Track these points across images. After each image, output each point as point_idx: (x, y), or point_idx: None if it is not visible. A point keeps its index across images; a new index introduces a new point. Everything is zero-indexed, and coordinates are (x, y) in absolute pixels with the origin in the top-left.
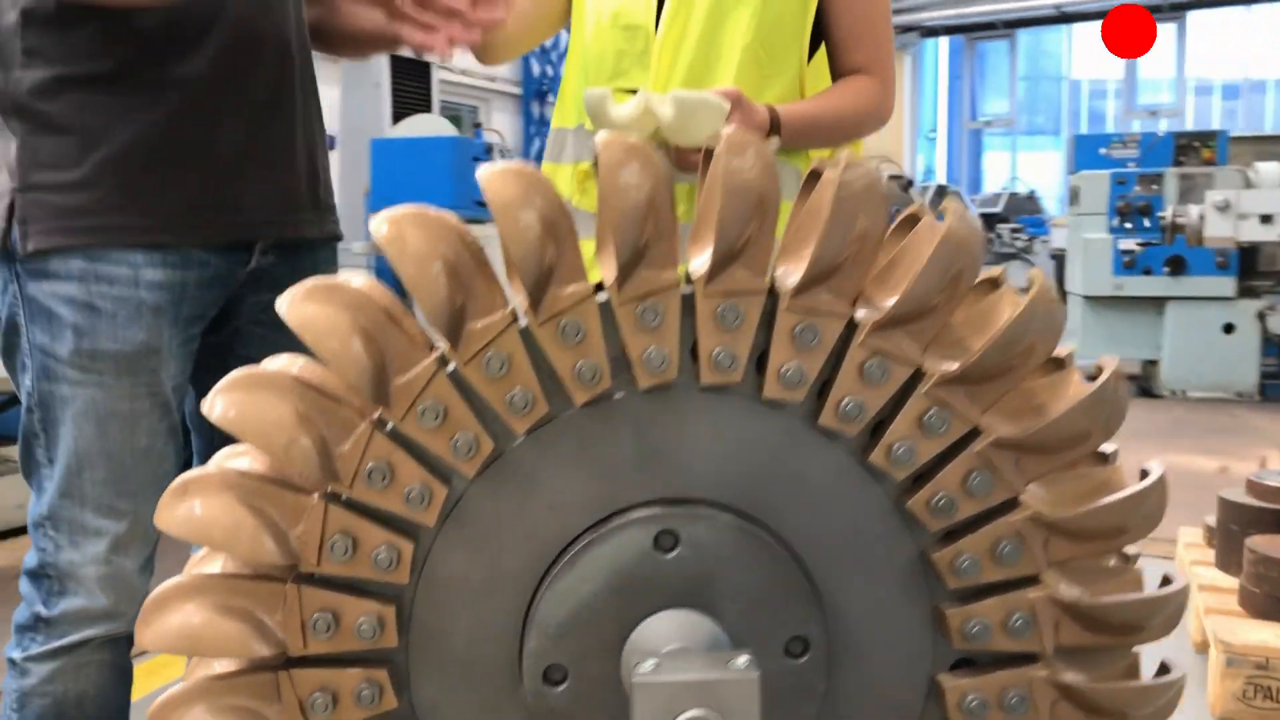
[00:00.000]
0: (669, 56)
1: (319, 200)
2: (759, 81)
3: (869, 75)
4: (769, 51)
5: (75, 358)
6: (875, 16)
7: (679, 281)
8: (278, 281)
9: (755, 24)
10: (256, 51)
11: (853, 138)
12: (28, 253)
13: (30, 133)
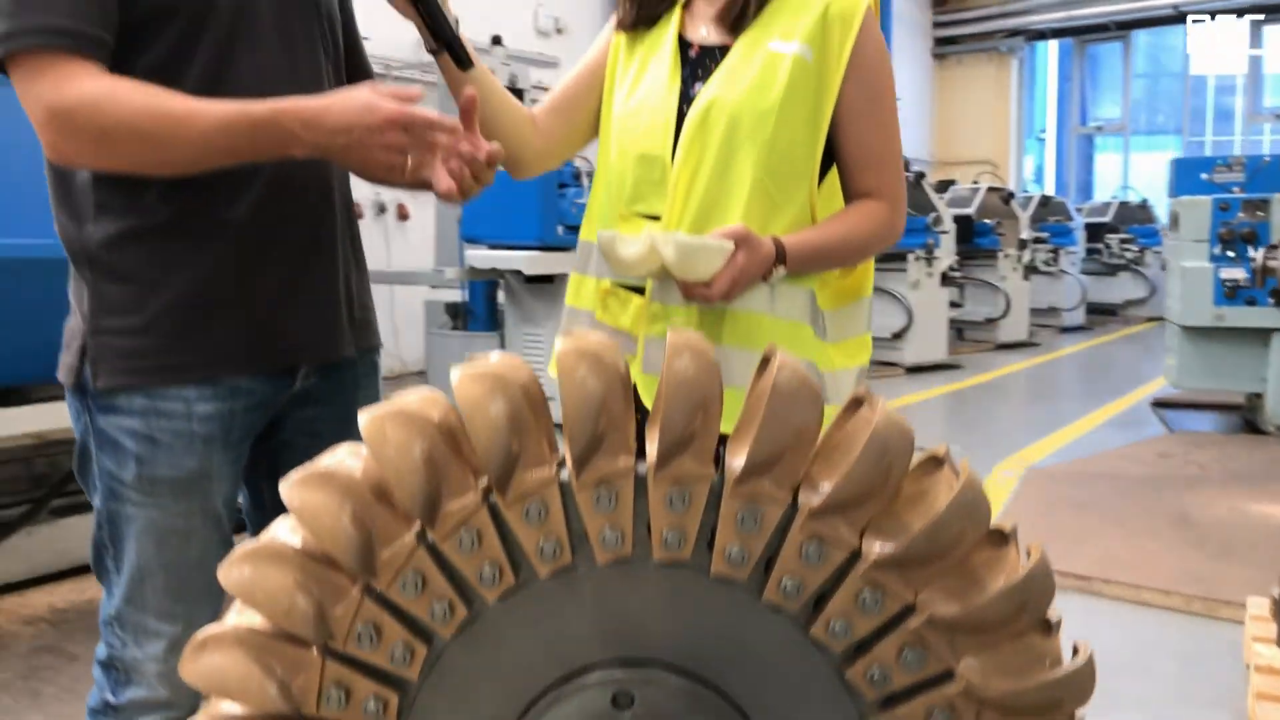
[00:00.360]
0: (684, 188)
1: (355, 320)
2: (768, 211)
3: (878, 199)
4: (778, 183)
5: (137, 483)
6: (883, 142)
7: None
8: (320, 398)
9: (764, 159)
10: (299, 195)
11: (861, 260)
12: (97, 389)
13: (99, 281)
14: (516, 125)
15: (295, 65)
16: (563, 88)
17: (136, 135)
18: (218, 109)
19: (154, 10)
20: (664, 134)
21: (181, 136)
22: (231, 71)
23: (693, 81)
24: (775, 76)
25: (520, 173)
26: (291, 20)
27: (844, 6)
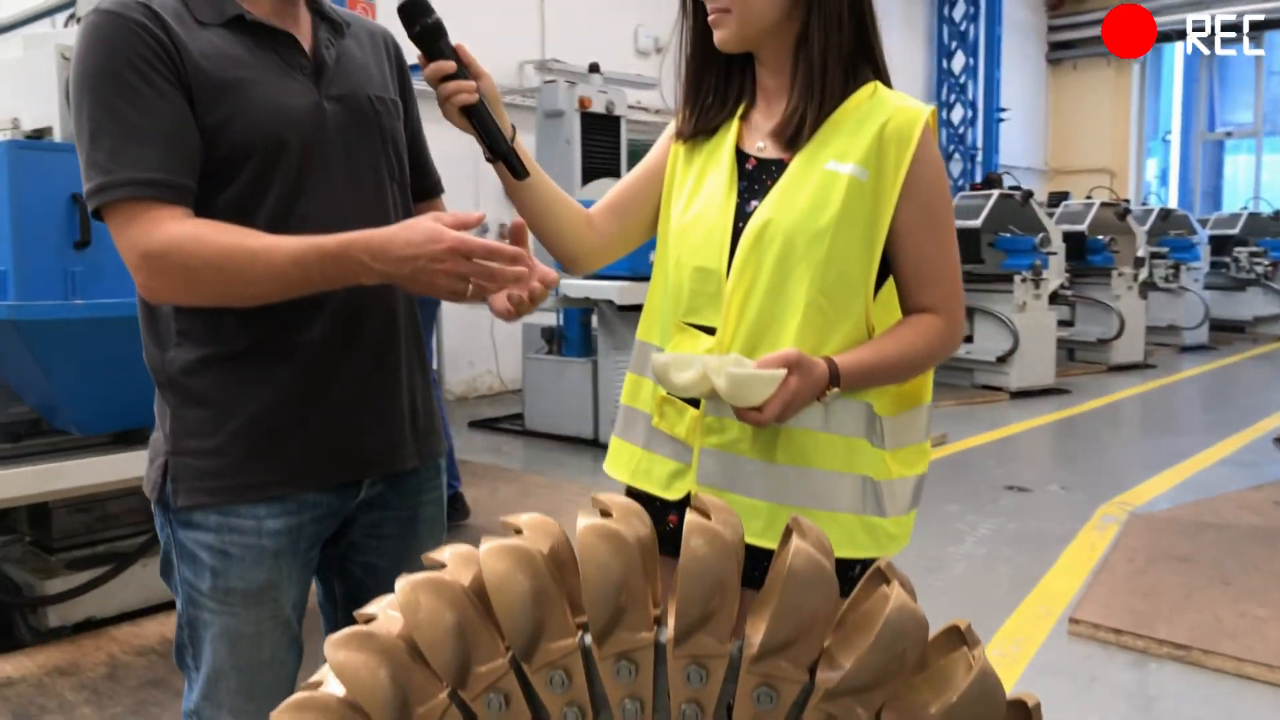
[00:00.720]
0: (738, 305)
1: (419, 431)
2: (823, 328)
3: (935, 313)
4: (832, 301)
5: (212, 593)
6: (939, 258)
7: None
8: (386, 503)
9: (818, 279)
10: (366, 316)
11: (917, 374)
12: (177, 506)
13: (179, 405)
14: (573, 225)
15: (362, 193)
16: (621, 188)
17: (219, 273)
18: (291, 244)
19: (232, 152)
20: (719, 249)
21: (259, 272)
22: (302, 203)
23: (749, 197)
24: (830, 198)
25: (576, 269)
26: (358, 151)
27: (900, 125)
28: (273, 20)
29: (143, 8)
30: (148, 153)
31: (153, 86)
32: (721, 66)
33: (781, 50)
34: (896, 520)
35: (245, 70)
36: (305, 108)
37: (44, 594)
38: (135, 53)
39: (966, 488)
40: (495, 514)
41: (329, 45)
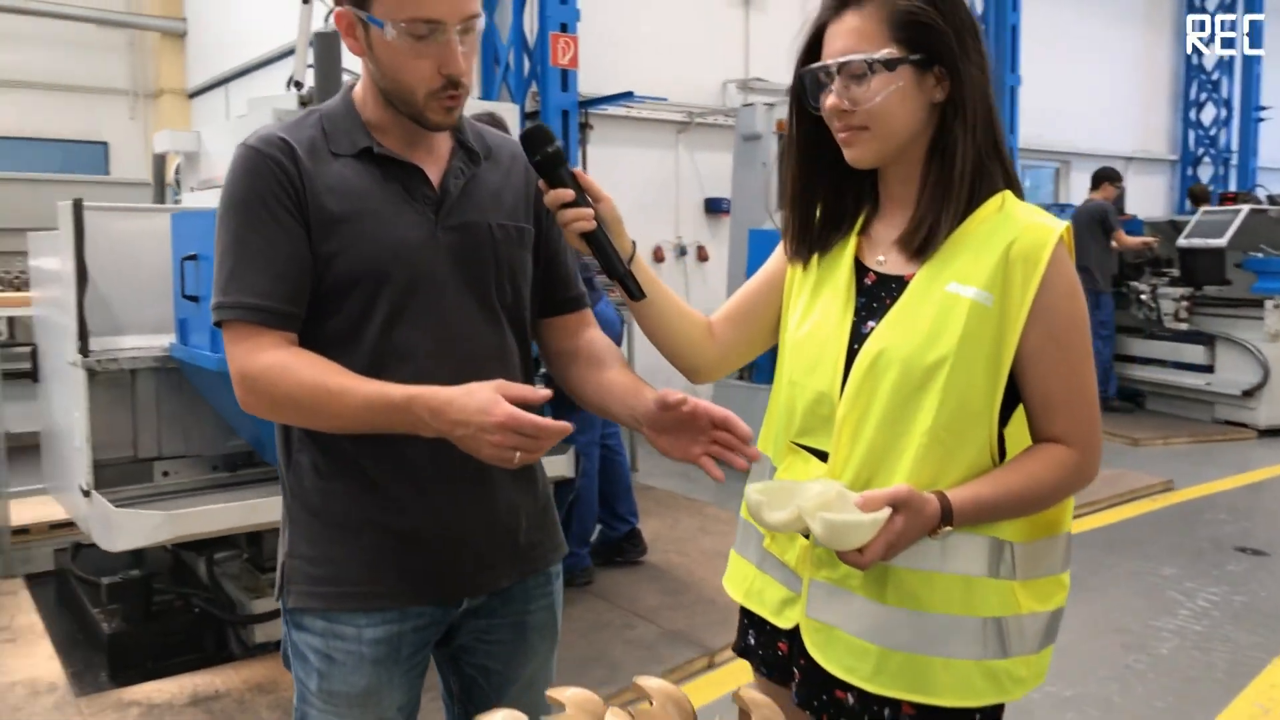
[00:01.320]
0: (850, 433)
1: (520, 548)
2: (942, 459)
3: (1066, 444)
4: (953, 432)
5: (319, 693)
6: (1072, 386)
7: None
8: (493, 611)
9: (937, 409)
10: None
11: (1042, 509)
12: (289, 607)
13: (296, 509)
14: (692, 338)
15: (470, 321)
16: (740, 296)
17: (299, 406)
18: (365, 389)
19: (338, 282)
20: (833, 372)
21: (335, 410)
22: (405, 331)
23: (866, 316)
24: (950, 324)
25: (697, 380)
26: (469, 280)
27: (1028, 245)
28: (402, 152)
29: (282, 144)
30: (259, 280)
31: (275, 220)
32: (834, 182)
33: (914, 157)
34: (1025, 660)
35: (365, 202)
36: (416, 239)
37: (252, 612)
38: (266, 188)
39: (1188, 547)
40: (673, 549)
41: (459, 174)
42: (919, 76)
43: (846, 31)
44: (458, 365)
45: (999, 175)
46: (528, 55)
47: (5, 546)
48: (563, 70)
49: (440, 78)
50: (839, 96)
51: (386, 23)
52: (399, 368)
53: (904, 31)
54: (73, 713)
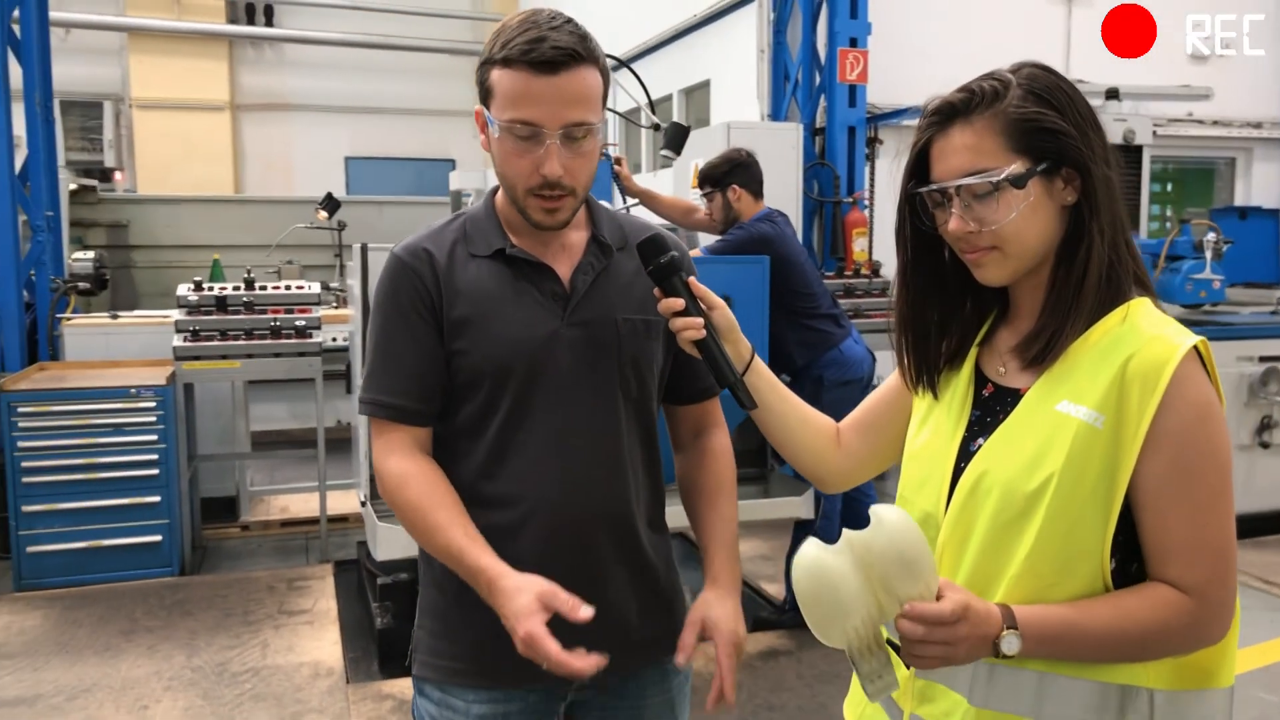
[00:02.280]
0: (951, 559)
1: (633, 644)
2: (1038, 593)
3: (1181, 590)
4: (1052, 565)
5: None
6: (1194, 528)
7: None
8: (605, 703)
9: (1036, 539)
10: (574, 538)
11: (1145, 658)
12: (414, 674)
13: (427, 585)
14: (816, 447)
15: (592, 414)
16: (868, 404)
17: (405, 521)
18: (453, 538)
19: (468, 377)
20: (938, 492)
21: (428, 540)
22: (527, 423)
23: (978, 431)
24: (1056, 446)
25: (825, 489)
26: (592, 373)
27: (1146, 362)
28: (533, 250)
29: (424, 254)
30: (394, 381)
31: (411, 326)
32: (952, 297)
33: (1044, 263)
34: None
35: (494, 302)
36: (540, 336)
37: None
38: (406, 297)
39: None
40: None
41: (589, 270)
42: (1047, 184)
43: (960, 148)
44: (572, 459)
45: (1129, 280)
46: (818, 70)
47: (322, 534)
48: (850, 85)
49: (538, 177)
50: (963, 219)
51: (496, 121)
52: (516, 460)
53: (1024, 140)
54: (340, 698)
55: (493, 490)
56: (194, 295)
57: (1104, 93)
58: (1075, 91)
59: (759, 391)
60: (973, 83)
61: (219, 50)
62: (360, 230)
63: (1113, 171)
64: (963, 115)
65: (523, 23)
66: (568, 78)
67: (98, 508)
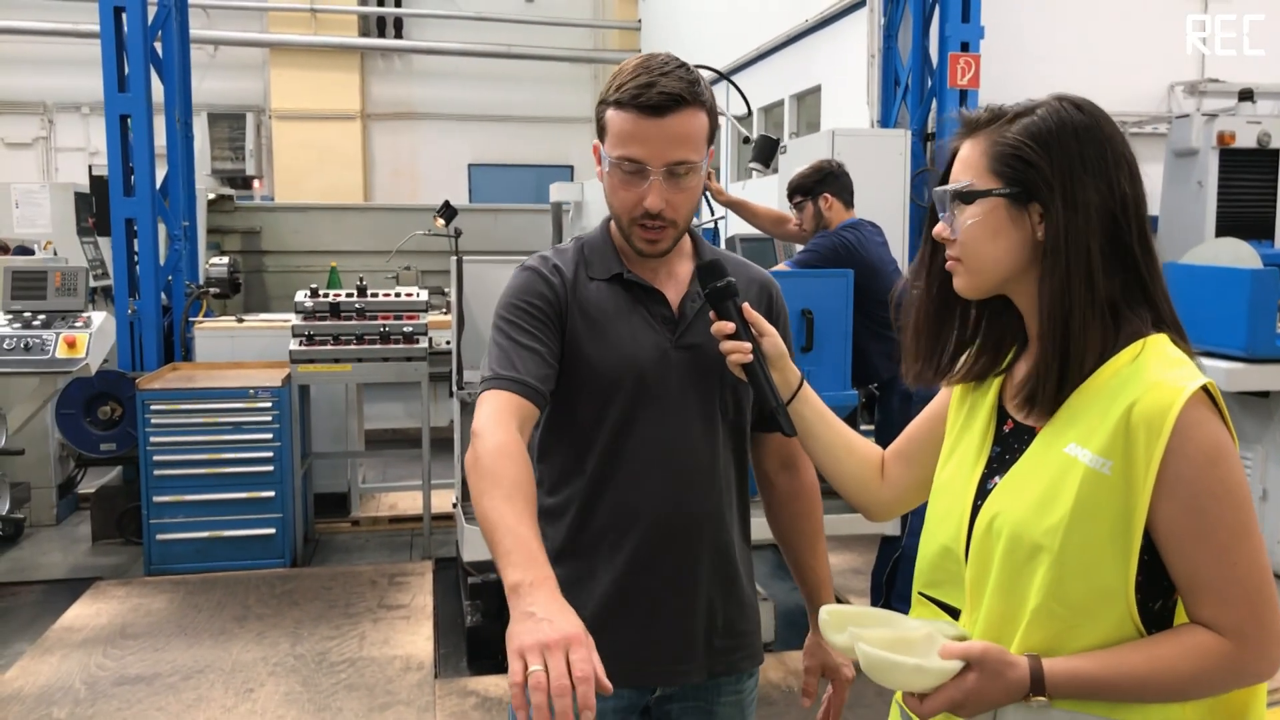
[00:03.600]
0: (972, 596)
1: (715, 648)
2: (1059, 635)
3: (1219, 632)
4: (1071, 608)
5: None
6: (1221, 568)
7: None
8: (685, 697)
9: (1049, 583)
10: (670, 545)
11: (1180, 699)
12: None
13: None
14: (859, 476)
15: (689, 432)
16: (910, 433)
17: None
18: (505, 541)
19: (582, 387)
20: (958, 528)
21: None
22: (635, 432)
23: (996, 469)
24: (1063, 490)
25: (871, 518)
26: (694, 395)
27: (1149, 408)
28: (646, 276)
29: (555, 268)
30: (514, 362)
31: (535, 325)
32: (976, 312)
33: (1031, 296)
34: None
35: (612, 320)
36: (650, 356)
37: None
38: (535, 299)
39: None
40: None
41: (696, 298)
42: (1014, 212)
43: (960, 159)
44: (675, 470)
45: (1140, 320)
46: (929, 75)
47: (425, 531)
48: (961, 91)
49: (641, 208)
50: (944, 224)
51: (608, 157)
52: (621, 471)
53: (1000, 164)
54: (427, 691)
55: (599, 497)
56: (309, 301)
57: (1237, 94)
58: (1093, 137)
59: (806, 420)
60: (1008, 104)
61: (351, 62)
62: (475, 237)
63: (1105, 218)
64: (974, 130)
65: (637, 67)
66: (673, 120)
67: (219, 500)
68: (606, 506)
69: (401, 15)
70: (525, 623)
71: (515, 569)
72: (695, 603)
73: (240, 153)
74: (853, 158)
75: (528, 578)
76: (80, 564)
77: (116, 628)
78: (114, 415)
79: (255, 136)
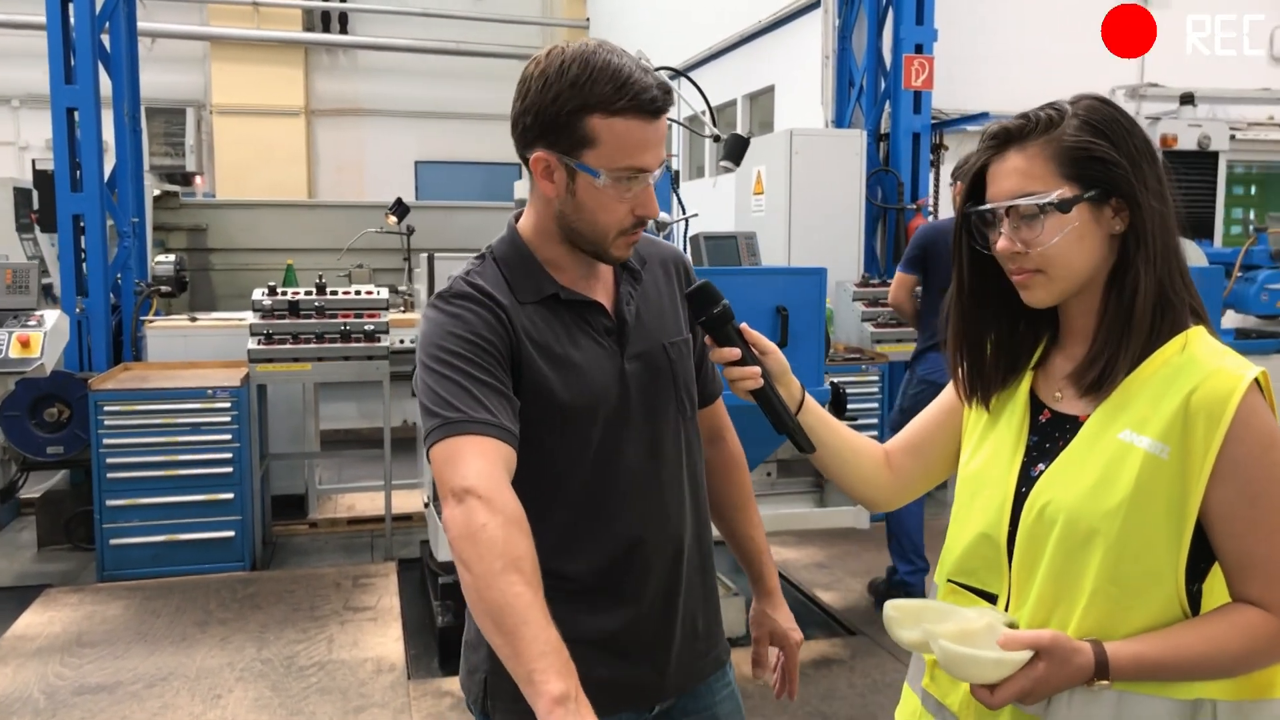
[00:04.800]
0: (1019, 582)
1: (698, 654)
2: (1112, 616)
3: (1265, 609)
4: (1125, 589)
5: None
6: (1269, 549)
7: None
8: (685, 709)
9: (1107, 565)
10: (662, 563)
11: (1231, 675)
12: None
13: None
14: (866, 473)
15: (663, 439)
16: (918, 425)
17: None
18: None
19: (548, 417)
20: (999, 516)
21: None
22: (614, 457)
23: (1037, 457)
24: (1121, 475)
25: (876, 510)
26: (654, 403)
27: (1210, 394)
28: (577, 285)
29: (490, 298)
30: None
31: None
32: (1006, 318)
33: (1094, 288)
34: None
35: (565, 347)
36: (611, 375)
37: None
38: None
39: None
40: None
41: (629, 300)
42: (1095, 212)
43: (1012, 171)
44: (660, 487)
45: (1185, 310)
46: (883, 76)
47: (386, 532)
48: (915, 92)
49: (633, 218)
50: (1010, 239)
51: (601, 171)
52: (604, 506)
53: (1074, 168)
54: (401, 693)
55: (582, 536)
56: (268, 300)
57: (1178, 98)
58: (1133, 125)
59: (813, 430)
60: (1032, 110)
61: (295, 57)
62: (428, 235)
63: (1166, 205)
64: (1018, 140)
65: (606, 64)
66: (662, 120)
67: (176, 503)
68: (590, 544)
69: (347, 10)
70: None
71: (557, 678)
72: (682, 617)
73: (179, 148)
74: (810, 158)
75: (571, 691)
76: (26, 571)
77: (72, 636)
78: (61, 417)
79: (196, 132)
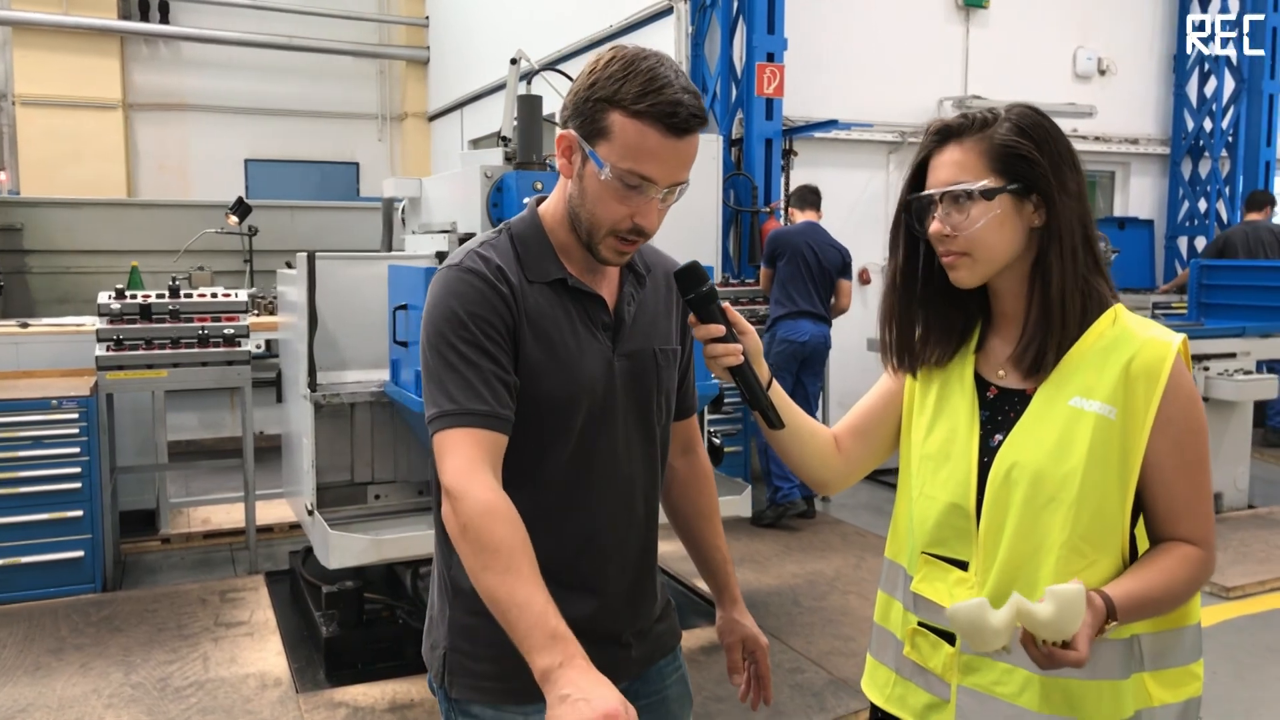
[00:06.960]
0: (989, 544)
1: (654, 636)
2: (1083, 567)
3: (1192, 543)
4: (1091, 542)
5: None
6: (1194, 489)
7: None
8: (636, 693)
9: (1073, 520)
10: (629, 558)
11: (1178, 606)
12: (453, 697)
13: (455, 611)
14: (821, 454)
15: (637, 439)
16: (861, 410)
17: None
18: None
19: (534, 403)
20: (966, 486)
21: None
22: (591, 452)
23: (992, 429)
24: (1077, 437)
25: (825, 492)
26: (635, 402)
27: (1148, 360)
28: (584, 276)
29: (500, 273)
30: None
31: (493, 344)
32: (938, 301)
33: (1019, 276)
34: None
35: (561, 333)
36: (600, 370)
37: None
38: (485, 313)
39: None
40: (855, 590)
41: (630, 300)
42: (1017, 204)
43: (949, 163)
44: (628, 482)
45: (1107, 291)
46: (735, 83)
47: (251, 545)
48: (767, 99)
49: (629, 223)
50: (941, 222)
51: (607, 165)
52: (579, 500)
53: (1002, 163)
54: (292, 708)
55: (556, 527)
56: (116, 303)
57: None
58: (1059, 134)
59: (779, 410)
60: (972, 111)
61: (110, 47)
62: (272, 236)
63: (1083, 205)
64: (957, 136)
65: (649, 70)
66: (689, 142)
67: (18, 524)
68: (559, 527)
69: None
70: (562, 707)
71: (540, 653)
72: (644, 601)
73: None
74: None
75: (554, 660)
76: None
77: None
78: None
79: None
